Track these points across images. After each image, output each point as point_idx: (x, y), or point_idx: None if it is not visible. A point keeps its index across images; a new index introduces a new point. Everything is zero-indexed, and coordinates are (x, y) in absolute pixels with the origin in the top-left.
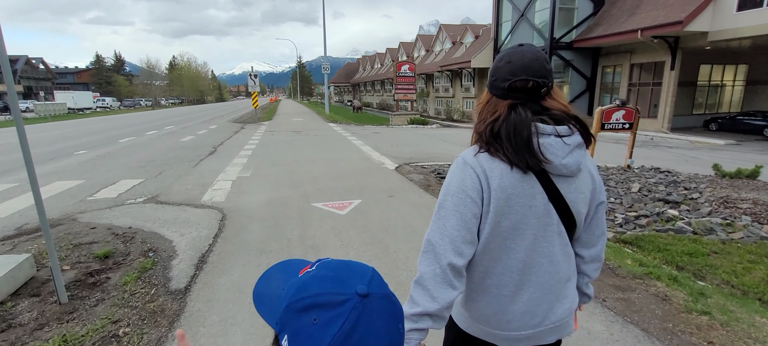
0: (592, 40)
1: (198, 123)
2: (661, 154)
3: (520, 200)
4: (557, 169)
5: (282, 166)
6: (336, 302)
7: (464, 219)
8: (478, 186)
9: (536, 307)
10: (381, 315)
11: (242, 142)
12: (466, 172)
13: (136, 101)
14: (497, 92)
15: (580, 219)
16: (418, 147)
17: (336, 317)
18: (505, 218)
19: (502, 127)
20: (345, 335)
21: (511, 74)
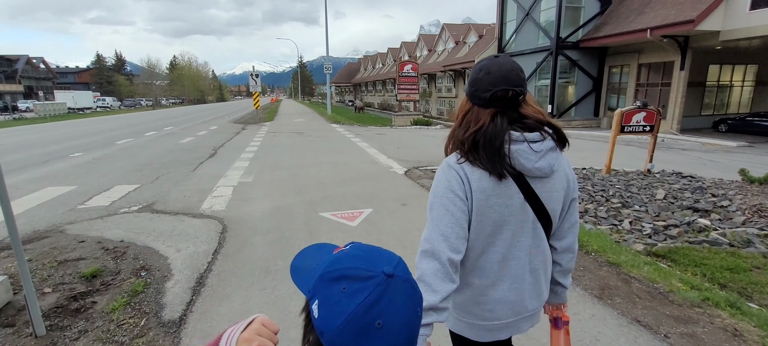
0: (600, 39)
1: (198, 124)
2: (675, 157)
3: (499, 200)
4: (531, 172)
5: (285, 170)
6: (364, 276)
7: (455, 217)
8: (463, 186)
9: (514, 296)
10: (402, 295)
11: (243, 144)
12: (451, 174)
13: (136, 101)
14: (479, 102)
15: (554, 216)
16: (425, 150)
17: (362, 289)
18: (486, 216)
19: (481, 136)
20: (368, 306)
21: (491, 85)
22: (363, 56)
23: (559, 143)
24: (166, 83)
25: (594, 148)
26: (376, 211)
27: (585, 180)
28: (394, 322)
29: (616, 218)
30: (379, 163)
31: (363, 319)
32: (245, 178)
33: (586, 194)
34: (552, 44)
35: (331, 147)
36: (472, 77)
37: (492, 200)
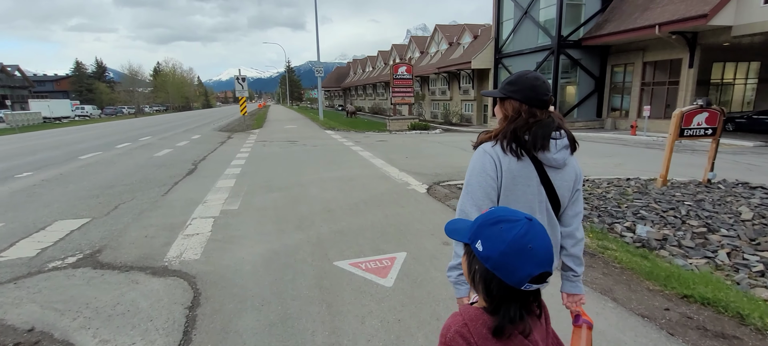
0: (603, 37)
1: (179, 133)
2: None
3: (522, 180)
4: (550, 161)
5: (280, 190)
6: (514, 219)
7: (486, 192)
8: (494, 167)
9: None
10: (541, 230)
11: (229, 156)
12: (486, 158)
13: (118, 109)
14: (538, 104)
15: (564, 200)
16: (439, 159)
17: (515, 226)
18: (511, 192)
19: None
20: (522, 235)
21: (546, 91)
22: (352, 60)
23: (571, 144)
24: (149, 90)
25: (620, 152)
26: (412, 255)
27: (643, 195)
28: (540, 245)
29: (706, 246)
30: (393, 179)
31: (520, 243)
32: (230, 204)
33: (655, 215)
34: (553, 43)
35: (331, 158)
36: (528, 84)
37: (517, 180)
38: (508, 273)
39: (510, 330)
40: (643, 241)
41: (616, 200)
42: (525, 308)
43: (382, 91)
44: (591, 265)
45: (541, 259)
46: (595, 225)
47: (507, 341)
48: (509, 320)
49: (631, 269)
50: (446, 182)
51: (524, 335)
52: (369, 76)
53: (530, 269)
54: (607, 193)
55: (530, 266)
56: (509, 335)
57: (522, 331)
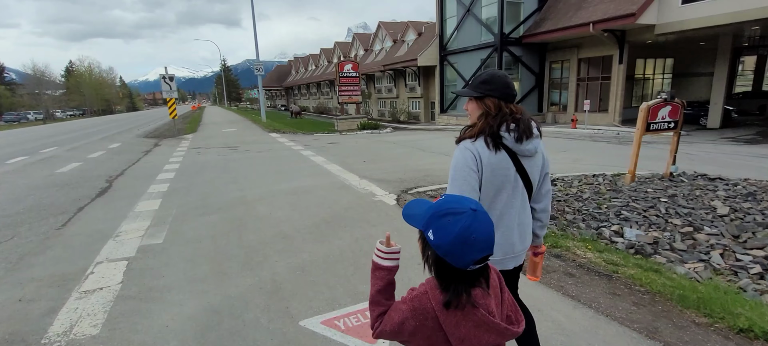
0: (542, 35)
1: (95, 141)
2: (646, 151)
3: (500, 170)
4: (523, 151)
5: (220, 212)
6: (460, 211)
7: (471, 184)
8: (475, 161)
9: (504, 241)
10: (484, 219)
11: (155, 168)
12: (467, 153)
13: (21, 115)
14: (510, 99)
15: (535, 184)
16: (400, 161)
17: (461, 218)
18: (491, 183)
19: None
20: (467, 226)
21: (514, 88)
22: (294, 58)
23: (539, 133)
24: (61, 93)
25: (571, 147)
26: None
27: (617, 193)
28: (482, 234)
29: (696, 248)
30: (354, 188)
31: (464, 234)
32: (152, 236)
33: (637, 215)
34: (496, 40)
35: (279, 166)
36: (502, 82)
37: (496, 171)
38: (455, 259)
39: (456, 303)
40: (634, 245)
41: (594, 201)
42: (472, 284)
43: (327, 90)
44: (614, 292)
45: (483, 246)
46: (584, 231)
47: (459, 311)
48: (456, 295)
49: (659, 292)
50: (415, 189)
51: (472, 305)
52: (312, 74)
53: (474, 255)
54: (582, 193)
55: (474, 253)
56: (456, 306)
57: (468, 302)
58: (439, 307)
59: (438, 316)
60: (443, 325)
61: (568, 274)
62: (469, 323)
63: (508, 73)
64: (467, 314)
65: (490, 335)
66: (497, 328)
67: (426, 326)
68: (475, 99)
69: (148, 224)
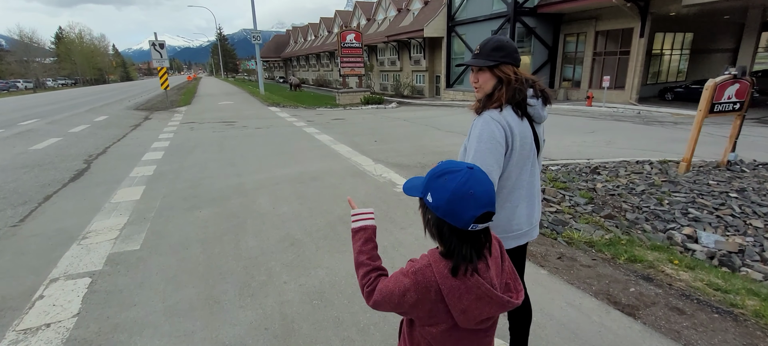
0: (559, 4)
1: (81, 113)
2: (673, 132)
3: (526, 139)
4: (538, 117)
5: (213, 204)
6: (456, 169)
7: (497, 158)
8: (503, 134)
9: (531, 211)
10: (481, 176)
11: (142, 145)
12: (494, 125)
13: (10, 83)
14: (519, 65)
15: (541, 149)
16: (414, 141)
17: (457, 175)
18: (520, 151)
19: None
20: (463, 182)
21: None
22: (292, 28)
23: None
24: (52, 61)
25: (598, 127)
26: None
27: (674, 185)
28: (479, 190)
29: None
30: (370, 176)
31: (461, 190)
32: (128, 239)
33: (708, 213)
34: (509, 10)
35: (282, 146)
36: (512, 48)
37: (523, 140)
38: (455, 217)
39: (464, 268)
40: (715, 254)
41: (652, 195)
42: (476, 249)
43: (327, 62)
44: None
45: (482, 201)
46: (651, 234)
47: (464, 279)
48: (462, 258)
49: None
50: None
51: (478, 273)
52: (312, 45)
53: (473, 211)
54: (633, 184)
55: (473, 209)
56: (464, 273)
57: (475, 269)
58: (443, 278)
59: (441, 288)
60: (446, 297)
61: (675, 309)
62: (470, 295)
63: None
64: (469, 286)
65: (491, 307)
66: (499, 300)
67: (428, 298)
68: (488, 69)
69: (124, 221)
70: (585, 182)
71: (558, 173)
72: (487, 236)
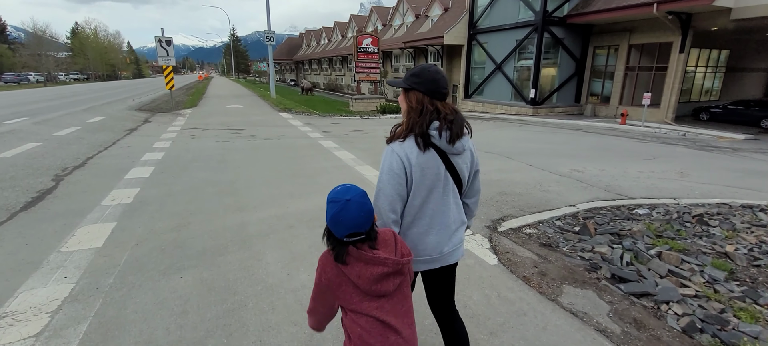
0: (591, 14)
1: (77, 112)
2: (748, 163)
3: (430, 170)
4: (453, 150)
5: (199, 265)
6: (338, 200)
7: (398, 191)
8: (402, 167)
9: (440, 239)
10: (353, 208)
11: (131, 157)
12: (394, 158)
13: (22, 76)
14: (439, 96)
15: (464, 180)
16: None
17: (336, 206)
18: (422, 183)
19: (455, 119)
20: (337, 212)
21: (446, 85)
22: (305, 31)
23: (469, 131)
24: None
25: (659, 153)
26: None
27: None
28: (347, 219)
29: None
30: None
31: (336, 218)
32: (57, 336)
33: None
34: (537, 18)
35: (295, 166)
36: (429, 78)
37: (426, 171)
38: (334, 231)
39: (340, 259)
40: None
41: None
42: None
43: (340, 67)
44: None
45: (348, 226)
46: None
47: (350, 260)
48: (336, 256)
49: None
50: (509, 223)
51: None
52: (324, 49)
53: (343, 232)
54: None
55: (343, 230)
56: (341, 261)
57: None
58: (333, 262)
59: (337, 266)
60: (341, 270)
61: None
62: (359, 263)
63: (546, 58)
64: (356, 259)
65: (377, 267)
66: (380, 259)
67: (333, 272)
68: (403, 91)
69: (65, 293)
70: (698, 238)
71: (655, 221)
72: (369, 237)
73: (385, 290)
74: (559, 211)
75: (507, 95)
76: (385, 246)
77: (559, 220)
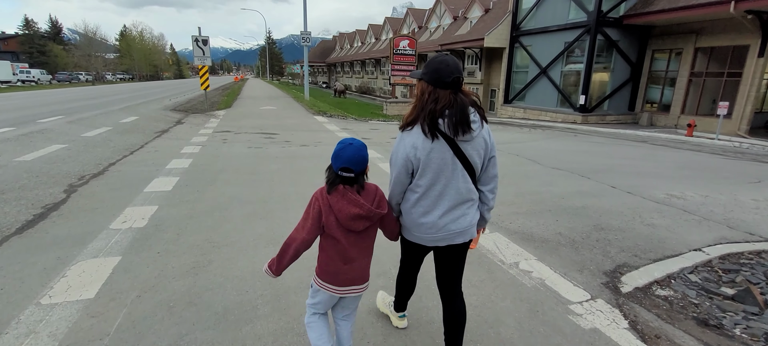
0: (653, 14)
1: (114, 110)
2: None
3: (436, 154)
4: (459, 136)
5: (218, 331)
6: (343, 142)
7: (401, 171)
8: (407, 157)
9: (445, 218)
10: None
11: (155, 164)
12: (401, 147)
13: (73, 75)
14: (441, 85)
15: (476, 166)
16: (514, 184)
17: (340, 144)
18: (428, 167)
19: (454, 109)
20: (340, 148)
21: (450, 73)
22: (339, 34)
23: (482, 118)
24: (115, 56)
25: (755, 173)
26: None
27: None
28: (345, 155)
29: None
30: (500, 268)
31: (336, 151)
32: None
33: None
34: (590, 19)
35: None
36: (433, 68)
37: (432, 155)
38: (333, 163)
39: (330, 189)
40: None
41: None
42: (341, 181)
43: (372, 70)
44: None
45: (344, 160)
46: None
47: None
48: (328, 187)
49: None
50: (640, 280)
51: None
52: (357, 51)
53: (339, 164)
54: None
55: (339, 163)
56: (331, 191)
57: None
58: (325, 193)
59: (327, 197)
60: (329, 200)
61: None
62: (343, 200)
63: (599, 61)
64: (341, 196)
65: (354, 208)
66: (358, 202)
67: (323, 203)
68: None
69: None
70: None
71: None
72: (357, 180)
73: (356, 227)
74: (685, 258)
75: (552, 101)
76: (367, 195)
77: (693, 273)
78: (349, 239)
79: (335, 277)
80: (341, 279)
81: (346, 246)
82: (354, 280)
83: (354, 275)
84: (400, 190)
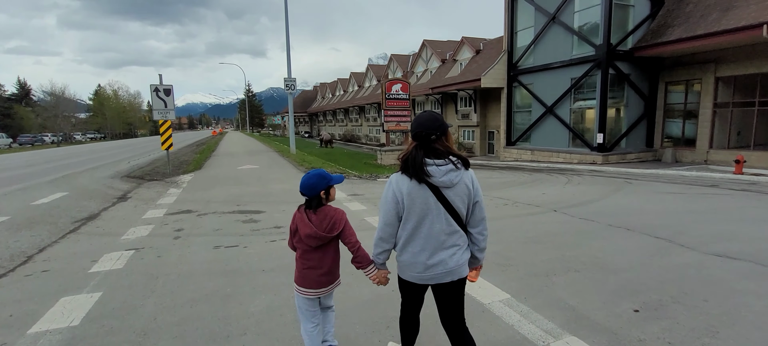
0: (669, 45)
1: (44, 182)
2: None
3: (419, 198)
4: (440, 183)
5: None
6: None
7: (390, 209)
8: (394, 197)
9: (432, 259)
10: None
11: (7, 325)
12: (390, 190)
13: (37, 137)
14: (418, 138)
15: (461, 211)
16: (559, 248)
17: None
18: (412, 210)
19: (409, 158)
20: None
21: (422, 129)
22: (320, 84)
23: (463, 166)
24: (88, 115)
25: None
26: None
27: None
28: (304, 185)
29: None
30: None
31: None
32: None
33: None
34: (600, 53)
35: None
36: (414, 123)
37: (414, 199)
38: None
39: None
40: None
41: None
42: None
43: (356, 117)
44: None
45: (300, 188)
46: None
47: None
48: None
49: None
50: None
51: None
52: (340, 100)
53: (301, 190)
54: None
55: (301, 189)
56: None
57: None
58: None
59: (296, 215)
60: (296, 219)
61: None
62: (301, 220)
63: (612, 97)
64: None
65: (306, 227)
66: (307, 224)
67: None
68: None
69: None
70: None
71: None
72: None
73: (311, 243)
74: None
75: (563, 141)
76: (322, 218)
77: None
78: (314, 251)
79: (307, 282)
80: (310, 282)
81: (311, 256)
82: (321, 283)
83: (321, 280)
84: (391, 231)
